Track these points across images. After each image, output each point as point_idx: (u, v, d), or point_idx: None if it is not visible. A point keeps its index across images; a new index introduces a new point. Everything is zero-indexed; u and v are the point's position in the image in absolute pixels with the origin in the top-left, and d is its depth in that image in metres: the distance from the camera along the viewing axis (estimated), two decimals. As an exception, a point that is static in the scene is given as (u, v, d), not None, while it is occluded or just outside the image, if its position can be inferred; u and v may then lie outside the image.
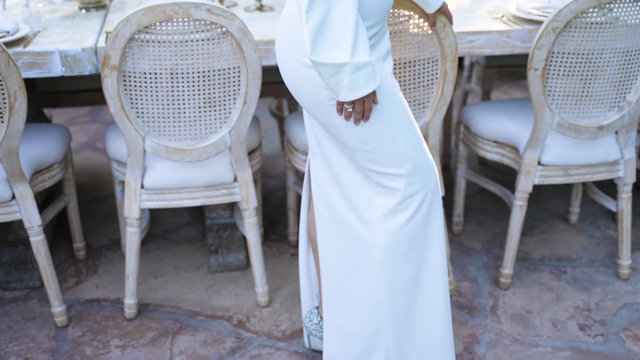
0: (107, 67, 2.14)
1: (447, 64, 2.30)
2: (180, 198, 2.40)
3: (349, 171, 1.96)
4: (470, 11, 2.72)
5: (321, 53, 1.66)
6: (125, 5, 2.86)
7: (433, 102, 2.36)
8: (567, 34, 2.27)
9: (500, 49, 2.50)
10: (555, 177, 2.52)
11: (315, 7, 1.63)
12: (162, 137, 2.29)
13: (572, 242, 2.95)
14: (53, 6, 2.85)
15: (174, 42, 2.13)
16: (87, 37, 2.40)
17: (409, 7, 2.16)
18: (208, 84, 2.22)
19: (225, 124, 2.31)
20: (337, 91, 1.72)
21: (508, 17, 2.59)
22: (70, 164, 2.65)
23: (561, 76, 2.35)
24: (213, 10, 2.10)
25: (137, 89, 2.20)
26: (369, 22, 1.79)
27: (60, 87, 3.11)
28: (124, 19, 2.08)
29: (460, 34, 2.46)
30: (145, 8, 2.06)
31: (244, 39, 2.16)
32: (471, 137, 2.75)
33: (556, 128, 2.42)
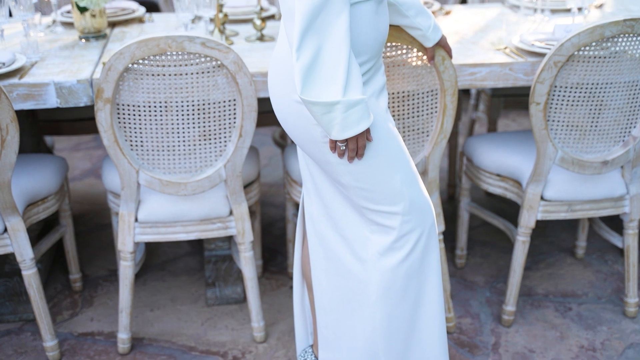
0: (100, 100, 2.11)
1: (446, 97, 2.25)
2: (174, 232, 2.36)
3: (344, 208, 1.92)
4: (473, 42, 2.68)
5: (312, 91, 1.62)
6: (125, 35, 2.84)
7: (433, 136, 2.31)
8: (569, 67, 2.22)
9: (503, 82, 2.46)
10: (559, 213, 2.46)
11: (306, 44, 1.60)
12: (156, 170, 2.25)
13: (578, 277, 2.88)
14: (54, 35, 2.85)
15: (168, 74, 2.11)
16: (83, 68, 2.38)
17: (406, 41, 2.12)
18: (203, 116, 2.19)
19: (220, 157, 2.27)
20: (329, 130, 1.68)
21: (511, 49, 2.54)
22: (66, 194, 2.62)
23: (564, 110, 2.30)
24: (207, 43, 2.07)
25: (131, 122, 2.17)
26: (362, 58, 1.75)
27: (61, 116, 3.09)
28: (117, 52, 2.05)
29: (461, 66, 2.42)
30: (138, 41, 2.04)
31: (239, 72, 2.13)
32: (474, 170, 2.70)
33: (559, 163, 2.37)
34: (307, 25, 1.59)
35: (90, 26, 2.74)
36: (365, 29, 1.74)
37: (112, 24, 2.99)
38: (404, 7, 2.00)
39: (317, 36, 1.60)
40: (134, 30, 2.92)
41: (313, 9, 1.59)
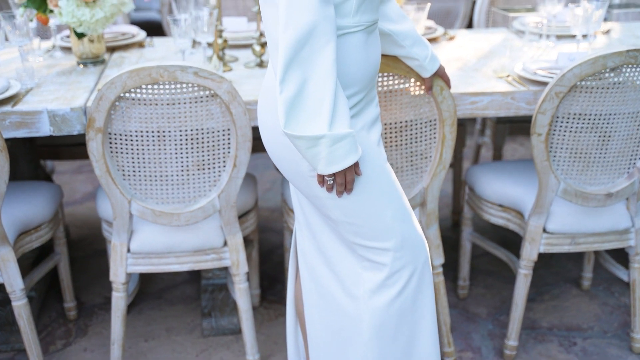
0: (91, 129, 2.08)
1: (445, 128, 2.20)
2: (167, 263, 2.31)
3: (335, 243, 1.87)
4: (476, 69, 2.63)
5: (296, 126, 1.57)
6: (124, 60, 2.82)
7: (431, 167, 2.26)
8: (571, 98, 2.17)
9: (505, 111, 2.40)
10: (562, 246, 2.40)
11: (290, 77, 1.56)
12: (149, 201, 2.22)
13: (583, 310, 2.81)
14: (52, 60, 2.83)
15: (160, 103, 2.07)
16: (78, 96, 2.36)
17: (403, 71, 2.08)
18: (196, 146, 2.15)
19: (214, 187, 2.23)
20: (314, 164, 1.63)
21: (513, 77, 2.49)
22: (61, 222, 2.59)
23: (566, 141, 2.25)
24: (200, 73, 2.04)
25: (124, 151, 2.14)
26: (351, 90, 1.71)
27: (60, 140, 3.07)
28: (109, 82, 2.02)
29: (462, 95, 2.37)
30: (130, 71, 2.01)
31: (232, 101, 2.09)
32: (476, 200, 2.64)
33: (562, 195, 2.31)
34: (291, 57, 1.55)
35: (88, 51, 2.71)
36: (355, 60, 1.70)
37: (111, 49, 2.97)
38: (400, 37, 1.96)
39: (302, 69, 1.56)
40: (133, 56, 2.89)
41: (297, 41, 1.54)
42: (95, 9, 2.55)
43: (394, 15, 1.95)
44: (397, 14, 1.96)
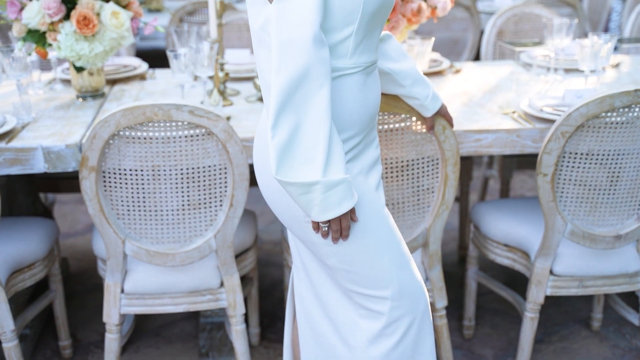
0: (85, 168, 2.03)
1: (448, 167, 2.14)
2: (162, 304, 2.25)
3: (332, 290, 1.81)
4: (481, 105, 2.57)
5: (288, 172, 1.52)
6: (124, 93, 2.78)
7: (434, 208, 2.20)
8: (578, 137, 2.11)
9: (510, 149, 2.34)
10: (570, 289, 2.32)
11: (282, 122, 1.51)
12: (144, 240, 2.16)
13: (593, 353, 2.72)
14: (52, 93, 2.79)
15: (155, 141, 2.03)
16: (75, 131, 2.32)
17: (404, 110, 2.03)
18: (192, 184, 2.11)
19: (210, 226, 2.18)
20: (308, 211, 1.57)
21: (519, 114, 2.43)
22: (56, 259, 2.54)
23: (573, 181, 2.18)
24: (195, 111, 1.99)
25: (118, 190, 2.09)
26: (348, 133, 1.65)
27: (59, 173, 3.03)
28: (102, 121, 1.98)
29: (466, 132, 2.31)
30: (124, 109, 1.97)
31: (229, 140, 2.05)
32: (480, 238, 2.57)
33: (569, 236, 2.23)
34: (284, 101, 1.50)
35: (87, 85, 2.68)
36: (352, 103, 1.64)
37: (112, 82, 2.94)
38: (400, 76, 1.91)
39: (295, 113, 1.51)
40: (133, 88, 2.86)
41: (290, 85, 1.49)
42: (95, 43, 2.52)
43: (394, 53, 1.90)
44: (397, 52, 1.91)
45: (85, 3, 2.48)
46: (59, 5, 2.46)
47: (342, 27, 1.57)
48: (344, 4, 1.55)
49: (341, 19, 1.56)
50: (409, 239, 2.21)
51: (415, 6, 2.46)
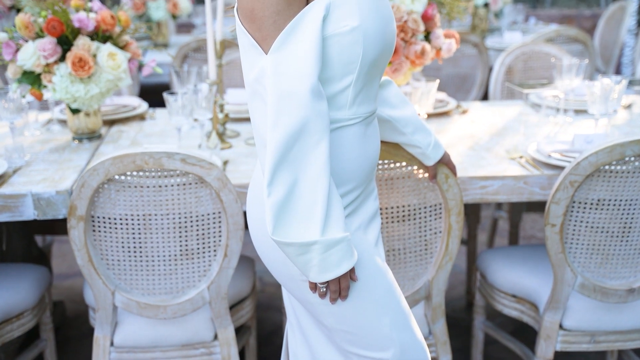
0: (73, 217, 1.96)
1: (451, 217, 2.05)
2: (153, 358, 2.16)
3: (329, 351, 1.71)
4: (487, 149, 2.49)
5: (285, 232, 1.44)
6: (122, 135, 2.72)
7: (437, 259, 2.11)
8: (587, 186, 2.02)
9: (517, 196, 2.25)
10: (581, 344, 2.21)
11: (279, 179, 1.42)
12: (134, 292, 2.08)
13: (606, 408, 2.59)
14: (49, 135, 2.74)
15: (146, 188, 1.96)
16: (67, 176, 2.25)
17: (405, 158, 1.95)
18: (185, 234, 2.03)
19: (204, 277, 2.09)
20: (306, 272, 1.49)
21: (527, 159, 2.35)
22: (47, 307, 2.45)
23: (583, 232, 2.08)
24: (188, 160, 1.92)
25: (107, 239, 2.01)
26: (347, 187, 1.57)
27: (56, 215, 2.96)
28: (91, 169, 1.91)
29: (471, 179, 2.22)
30: (113, 157, 1.90)
31: (223, 189, 1.97)
32: (487, 288, 2.47)
33: (579, 289, 2.13)
34: (280, 158, 1.42)
35: (84, 126, 2.62)
36: (351, 155, 1.56)
37: (111, 122, 2.88)
38: (401, 124, 1.83)
39: (292, 170, 1.43)
40: (132, 130, 2.80)
41: (287, 140, 1.42)
42: (90, 84, 2.46)
43: (395, 100, 1.83)
44: (398, 98, 1.83)
45: (82, 44, 2.43)
46: (54, 47, 2.42)
47: (340, 78, 1.50)
48: (343, 53, 1.47)
49: (339, 69, 1.49)
50: (411, 291, 2.11)
51: (419, 48, 2.39)
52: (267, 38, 1.42)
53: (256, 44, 1.44)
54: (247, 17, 1.44)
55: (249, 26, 1.44)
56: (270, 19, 1.41)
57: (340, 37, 1.45)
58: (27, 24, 2.45)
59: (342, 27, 1.45)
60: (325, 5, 1.43)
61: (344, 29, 1.45)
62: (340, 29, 1.45)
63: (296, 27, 1.41)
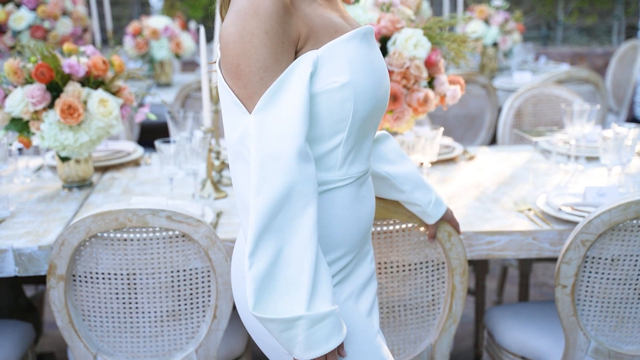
0: (52, 277, 1.85)
1: (455, 277, 1.93)
2: None
3: None
4: (494, 200, 2.37)
5: (268, 307, 1.31)
6: (114, 183, 2.62)
7: (440, 321, 1.98)
8: (600, 245, 1.89)
9: (525, 252, 2.13)
10: (594, 412, 2.06)
11: (262, 249, 1.31)
12: (118, 355, 1.96)
13: None
14: (39, 182, 2.64)
15: (130, 244, 1.84)
16: (51, 230, 2.14)
17: (405, 216, 1.83)
18: (171, 294, 1.91)
19: (192, 339, 1.97)
20: (290, 349, 1.36)
21: (536, 212, 2.22)
22: (30, 365, 2.34)
23: (596, 293, 1.95)
24: (174, 217, 1.81)
25: (89, 299, 1.90)
26: (337, 253, 1.45)
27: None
28: (71, 226, 1.80)
29: (477, 234, 2.10)
30: (94, 215, 1.79)
31: (212, 247, 1.86)
32: (495, 348, 2.33)
33: (592, 355, 1.99)
34: (264, 226, 1.30)
35: (74, 174, 2.52)
36: (342, 219, 1.45)
37: (104, 169, 2.79)
38: (399, 181, 1.72)
39: (276, 239, 1.31)
40: (125, 177, 2.70)
41: (271, 207, 1.30)
42: (80, 132, 2.37)
43: (393, 155, 1.72)
44: (395, 153, 1.73)
45: (72, 91, 2.34)
46: (43, 93, 2.33)
47: (329, 137, 1.40)
48: (332, 111, 1.37)
49: (329, 128, 1.39)
50: (413, 356, 1.98)
51: (422, 95, 2.28)
52: (253, 96, 1.32)
53: (239, 102, 1.33)
54: (232, 73, 1.33)
55: (233, 83, 1.34)
56: (257, 75, 1.31)
57: (329, 94, 1.35)
58: (15, 70, 2.37)
59: (331, 83, 1.35)
60: (313, 60, 1.33)
61: (333, 85, 1.35)
62: (329, 85, 1.35)
63: (282, 85, 1.31)
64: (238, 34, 1.30)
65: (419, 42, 2.31)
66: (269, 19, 1.30)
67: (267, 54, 1.30)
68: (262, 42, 1.29)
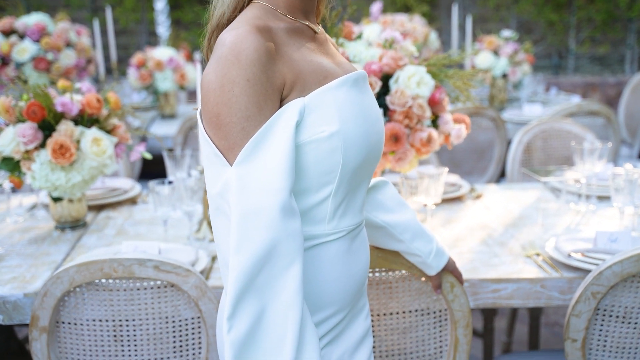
0: (35, 328, 1.77)
1: (458, 330, 1.83)
2: None
3: None
4: (501, 243, 2.27)
5: None
6: (109, 223, 2.54)
7: (442, 376, 1.87)
8: (612, 297, 1.79)
9: (533, 301, 2.02)
10: None
11: (242, 311, 1.22)
12: (103, 410, 1.87)
13: None
14: (32, 221, 2.57)
15: (116, 294, 1.76)
16: (39, 275, 2.07)
17: (405, 266, 1.74)
18: (159, 346, 1.82)
19: (181, 394, 1.88)
20: None
21: (544, 257, 2.12)
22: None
23: (608, 348, 1.85)
24: (162, 267, 1.73)
25: (74, 351, 1.81)
26: (326, 312, 1.36)
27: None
28: (54, 276, 1.72)
29: (482, 282, 2.00)
30: (78, 265, 1.71)
31: (202, 297, 1.77)
32: (503, 400, 2.22)
33: (605, 412, 1.88)
34: (244, 286, 1.22)
35: (67, 214, 2.45)
36: (332, 275, 1.36)
37: (99, 207, 2.71)
38: (397, 230, 1.63)
39: (257, 299, 1.22)
40: (121, 216, 2.62)
41: (252, 266, 1.22)
42: (72, 172, 2.30)
43: (390, 202, 1.63)
44: (394, 201, 1.64)
45: (64, 130, 2.28)
46: (34, 133, 2.26)
47: (317, 189, 1.31)
48: (320, 162, 1.29)
49: (317, 179, 1.30)
50: (414, 413, 1.88)
51: (425, 135, 2.20)
52: (234, 147, 1.24)
53: (220, 153, 1.25)
54: (212, 123, 1.25)
55: (213, 133, 1.26)
56: (239, 125, 1.23)
57: (317, 143, 1.27)
58: (7, 108, 2.31)
59: (319, 132, 1.27)
60: (299, 109, 1.25)
61: (321, 134, 1.27)
62: (317, 134, 1.27)
63: (265, 135, 1.23)
64: (218, 82, 1.23)
65: (422, 80, 2.23)
66: (250, 66, 1.22)
67: (249, 102, 1.22)
68: (244, 91, 1.22)
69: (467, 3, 6.91)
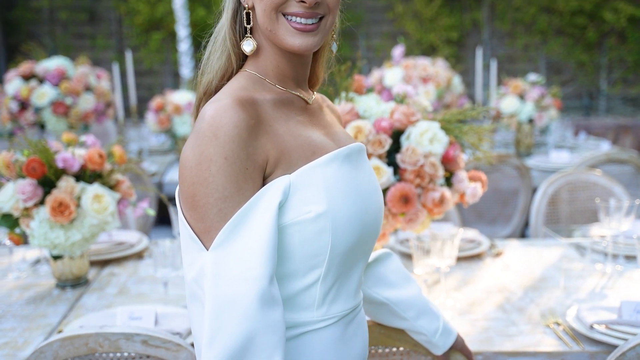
0: (18, 404, 1.68)
1: (469, 412, 1.69)
2: None
3: None
4: (520, 309, 2.13)
5: None
6: (112, 280, 2.46)
7: None
8: (637, 380, 1.64)
9: (553, 377, 1.88)
10: None
11: None
12: None
13: None
14: (33, 278, 2.49)
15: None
16: (32, 339, 1.98)
17: (409, 344, 1.62)
18: None
19: None
20: None
21: (565, 327, 1.98)
22: None
23: None
24: (150, 341, 1.63)
25: None
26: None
27: None
28: (38, 350, 1.63)
29: (497, 355, 1.87)
30: (62, 339, 1.62)
31: (193, 373, 1.66)
32: None
33: None
34: None
35: (68, 272, 2.37)
36: (325, 365, 1.25)
37: (103, 262, 2.63)
38: (401, 308, 1.51)
39: None
40: (125, 272, 2.54)
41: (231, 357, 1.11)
42: (72, 230, 2.23)
43: (394, 277, 1.52)
44: (397, 275, 1.53)
45: (64, 187, 2.21)
46: (34, 189, 2.20)
47: (304, 273, 1.21)
48: (306, 245, 1.18)
49: (303, 263, 1.20)
50: None
51: (438, 195, 2.08)
52: (211, 230, 1.14)
53: (196, 237, 1.15)
54: (188, 203, 1.16)
55: (189, 215, 1.16)
56: (215, 206, 1.14)
57: (302, 225, 1.17)
58: (8, 163, 2.25)
59: (304, 213, 1.16)
60: (284, 188, 1.15)
61: (307, 215, 1.16)
62: (302, 215, 1.16)
63: (245, 217, 1.13)
64: (195, 160, 1.14)
65: (435, 137, 2.13)
66: (229, 143, 1.13)
67: (226, 182, 1.13)
68: (221, 169, 1.12)
69: (495, 43, 6.81)
